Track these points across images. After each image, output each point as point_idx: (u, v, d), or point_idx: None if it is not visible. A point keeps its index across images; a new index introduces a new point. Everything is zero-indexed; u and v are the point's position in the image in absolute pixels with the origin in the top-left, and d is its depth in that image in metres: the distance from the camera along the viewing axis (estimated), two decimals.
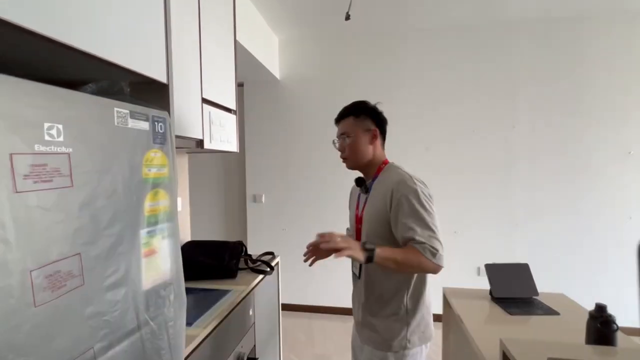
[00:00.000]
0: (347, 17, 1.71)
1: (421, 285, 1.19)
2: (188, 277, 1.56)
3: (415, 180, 1.13)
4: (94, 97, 0.64)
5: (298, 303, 3.19)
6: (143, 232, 0.74)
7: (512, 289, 1.61)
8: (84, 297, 0.60)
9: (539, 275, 1.69)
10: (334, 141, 1.30)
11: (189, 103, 1.41)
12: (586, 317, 1.46)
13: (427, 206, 1.09)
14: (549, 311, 1.48)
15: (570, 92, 2.74)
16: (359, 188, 1.30)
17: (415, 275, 1.18)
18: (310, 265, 1.26)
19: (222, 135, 1.75)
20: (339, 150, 1.27)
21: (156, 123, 0.79)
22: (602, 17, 2.64)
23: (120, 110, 0.69)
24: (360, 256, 1.01)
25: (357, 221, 1.27)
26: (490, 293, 1.65)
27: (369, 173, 1.26)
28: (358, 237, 1.25)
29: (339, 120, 1.28)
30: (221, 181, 3.39)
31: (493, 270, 1.67)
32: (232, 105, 1.88)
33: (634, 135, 2.67)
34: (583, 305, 1.63)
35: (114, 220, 0.66)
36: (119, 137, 0.68)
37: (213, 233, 3.39)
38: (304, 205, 3.15)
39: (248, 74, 2.97)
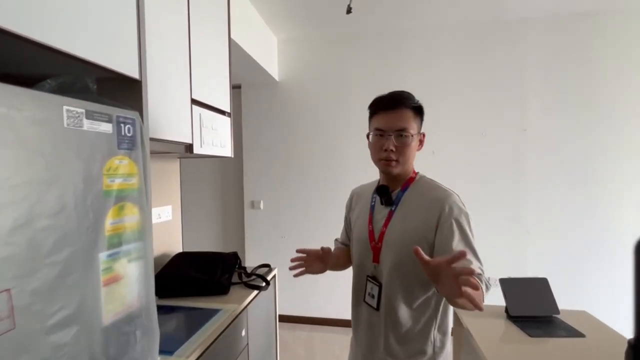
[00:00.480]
0: (349, 10, 1.60)
1: (447, 313, 1.02)
2: (175, 293, 1.44)
3: (463, 202, 0.99)
4: (33, 92, 0.52)
5: (298, 315, 3.05)
6: (103, 256, 0.62)
7: (530, 307, 1.47)
8: (15, 344, 0.47)
9: (553, 287, 1.56)
10: (371, 134, 1.02)
11: (176, 104, 1.29)
12: (614, 339, 1.32)
13: (474, 235, 0.96)
14: (573, 332, 1.34)
15: (585, 93, 2.60)
16: (375, 197, 1.07)
17: (443, 302, 1.00)
18: (295, 276, 1.10)
19: (215, 139, 1.63)
20: (388, 148, 0.96)
21: (122, 125, 0.67)
22: (618, 12, 2.52)
23: (71, 109, 0.56)
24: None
25: (373, 238, 1.05)
26: (506, 310, 1.51)
27: (397, 182, 1.04)
28: (376, 257, 1.03)
29: (391, 107, 0.97)
30: (218, 187, 3.27)
31: (508, 286, 1.53)
32: (226, 107, 1.76)
33: None
34: (606, 322, 1.49)
35: (61, 245, 0.54)
36: (69, 141, 0.56)
37: (209, 241, 3.27)
38: (304, 212, 3.02)
39: (246, 75, 2.86)
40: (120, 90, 0.79)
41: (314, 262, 1.10)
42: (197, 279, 1.43)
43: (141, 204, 0.70)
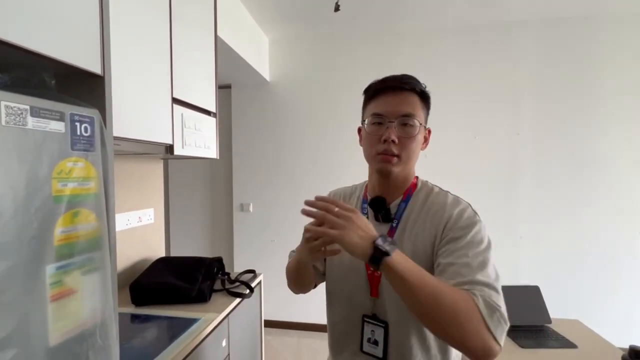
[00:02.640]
0: (337, 8, 1.55)
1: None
2: (153, 301, 1.37)
3: (477, 212, 0.78)
4: None
5: (286, 320, 2.98)
6: (51, 269, 0.56)
7: (522, 316, 1.43)
8: None
9: (545, 295, 1.52)
10: (366, 122, 0.82)
11: (154, 103, 1.23)
12: (606, 350, 1.28)
13: (490, 246, 0.74)
14: (565, 343, 1.30)
15: (578, 97, 2.58)
16: (366, 209, 0.85)
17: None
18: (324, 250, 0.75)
19: (198, 140, 1.58)
20: (389, 139, 0.76)
21: (78, 124, 0.61)
22: (611, 17, 2.50)
23: (11, 105, 0.50)
24: (361, 251, 0.61)
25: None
26: None
27: (395, 190, 0.82)
28: (374, 289, 0.80)
29: (395, 89, 0.80)
30: (206, 189, 3.20)
31: None
32: (212, 107, 1.71)
33: None
34: (598, 331, 1.46)
35: None
36: (8, 141, 0.50)
37: (197, 245, 3.19)
38: (294, 215, 2.95)
39: (236, 75, 2.80)
40: (84, 87, 0.73)
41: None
42: (175, 286, 1.37)
43: (99, 210, 0.64)
